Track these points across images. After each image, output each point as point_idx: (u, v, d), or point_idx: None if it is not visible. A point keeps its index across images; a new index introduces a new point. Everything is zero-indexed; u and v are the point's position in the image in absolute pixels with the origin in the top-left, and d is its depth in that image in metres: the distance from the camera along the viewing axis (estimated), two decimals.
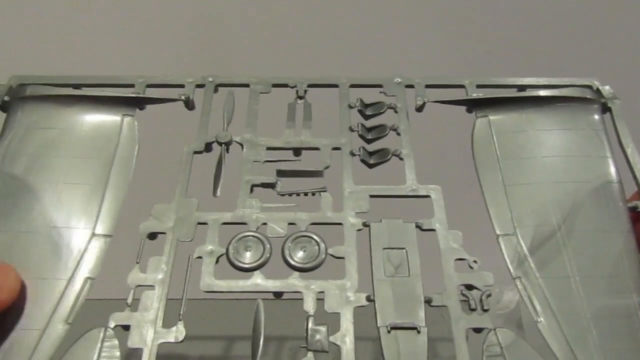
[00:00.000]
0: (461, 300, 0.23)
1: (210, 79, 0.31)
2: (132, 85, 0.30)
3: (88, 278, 0.23)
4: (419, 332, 0.22)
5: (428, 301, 0.23)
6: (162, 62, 0.51)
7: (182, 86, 0.30)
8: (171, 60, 0.51)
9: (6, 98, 0.29)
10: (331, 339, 0.22)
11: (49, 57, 0.50)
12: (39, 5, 0.51)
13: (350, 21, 0.53)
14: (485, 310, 0.23)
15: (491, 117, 0.29)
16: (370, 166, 0.28)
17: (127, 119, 0.29)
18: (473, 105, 0.29)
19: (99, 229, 0.25)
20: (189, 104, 0.30)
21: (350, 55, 0.51)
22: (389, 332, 0.22)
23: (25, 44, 0.52)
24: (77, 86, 0.30)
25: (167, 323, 0.22)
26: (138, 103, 0.29)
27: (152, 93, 0.30)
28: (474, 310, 0.23)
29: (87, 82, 0.30)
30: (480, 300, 0.23)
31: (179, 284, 0.24)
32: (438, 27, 0.51)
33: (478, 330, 0.22)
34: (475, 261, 0.24)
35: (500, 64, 0.49)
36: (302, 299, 0.23)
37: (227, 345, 0.43)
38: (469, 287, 0.23)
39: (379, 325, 0.22)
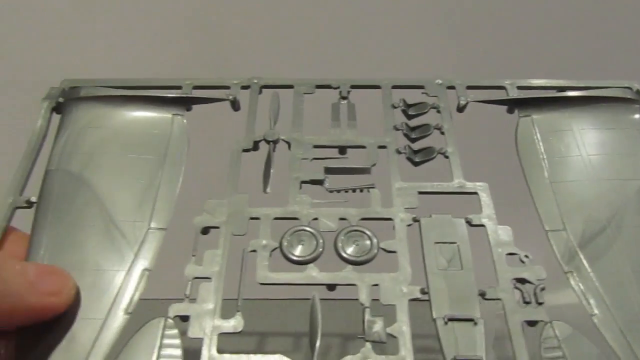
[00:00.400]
0: None
1: (255, 81, 0.31)
2: (179, 87, 0.31)
3: (145, 269, 0.24)
4: (475, 323, 0.22)
5: (482, 294, 0.23)
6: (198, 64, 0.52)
7: (227, 87, 0.31)
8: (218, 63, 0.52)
9: (60, 99, 0.30)
10: (388, 330, 0.22)
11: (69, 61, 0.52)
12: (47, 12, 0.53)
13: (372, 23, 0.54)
14: (540, 303, 0.23)
15: (534, 117, 0.29)
16: (416, 164, 0.29)
17: (177, 118, 0.29)
18: (515, 104, 0.30)
19: (154, 223, 0.25)
20: (235, 105, 0.31)
21: (390, 56, 0.51)
22: (445, 323, 0.22)
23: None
24: (125, 89, 0.31)
25: (224, 315, 0.23)
26: (187, 103, 0.30)
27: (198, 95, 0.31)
28: (528, 303, 0.23)
29: (135, 84, 0.31)
30: (535, 293, 0.23)
31: (230, 279, 0.24)
32: (471, 30, 0.52)
33: (533, 323, 0.22)
34: (526, 256, 0.24)
35: (535, 68, 0.50)
36: (337, 299, 0.24)
37: (261, 341, 0.44)
38: (521, 281, 0.24)
39: (434, 317, 0.22)
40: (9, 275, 0.21)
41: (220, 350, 0.22)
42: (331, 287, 0.24)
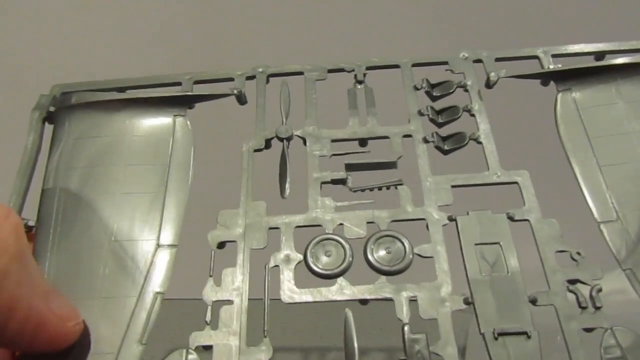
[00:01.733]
0: None
1: (261, 70, 0.29)
2: (178, 84, 0.28)
3: (158, 293, 0.22)
4: (529, 336, 0.20)
5: (532, 301, 0.21)
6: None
7: (231, 79, 0.28)
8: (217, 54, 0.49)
9: (51, 108, 0.27)
10: (432, 349, 0.20)
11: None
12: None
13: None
14: (598, 308, 0.20)
15: (575, 90, 0.26)
16: (446, 152, 0.26)
17: (179, 120, 0.27)
18: (552, 77, 0.27)
19: (164, 239, 0.23)
20: (241, 98, 0.28)
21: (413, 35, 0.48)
22: (495, 338, 0.20)
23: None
24: (121, 89, 0.28)
25: (250, 337, 0.21)
26: (189, 101, 0.27)
27: (199, 90, 0.28)
28: (584, 308, 0.20)
29: (132, 84, 0.28)
30: (591, 296, 0.21)
31: (254, 293, 0.22)
32: None
33: (590, 330, 0.20)
34: (578, 252, 0.22)
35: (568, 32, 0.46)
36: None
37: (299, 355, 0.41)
38: (573, 282, 0.21)
39: (482, 331, 0.20)
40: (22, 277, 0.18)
41: None
42: (364, 301, 0.22)
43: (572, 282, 0.21)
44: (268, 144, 0.26)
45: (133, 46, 0.49)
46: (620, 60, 0.26)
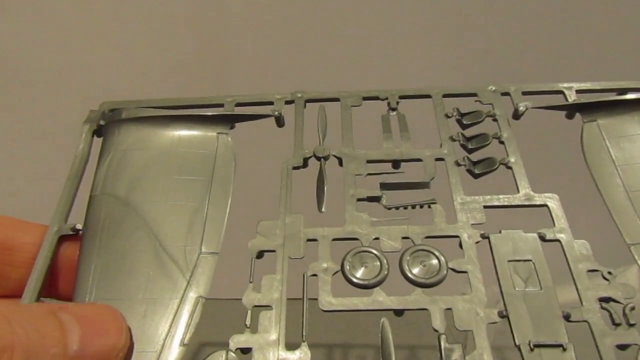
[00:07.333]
0: None
1: (299, 95, 0.30)
2: (221, 105, 0.30)
3: (200, 297, 0.23)
4: (564, 349, 0.20)
5: (566, 317, 0.21)
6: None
7: (271, 103, 0.30)
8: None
9: (101, 122, 0.29)
10: (467, 358, 0.20)
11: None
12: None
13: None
14: (632, 325, 0.21)
15: (600, 122, 0.27)
16: (476, 176, 0.27)
17: (222, 137, 0.28)
18: (578, 109, 0.28)
19: (206, 247, 0.24)
20: (280, 121, 0.30)
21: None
22: (531, 350, 0.20)
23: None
24: (166, 109, 0.30)
25: (288, 345, 0.21)
26: (231, 120, 0.29)
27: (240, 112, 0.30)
28: (618, 325, 0.21)
29: (177, 104, 0.30)
30: (624, 314, 0.21)
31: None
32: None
33: (624, 347, 0.21)
34: (610, 272, 0.22)
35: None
36: None
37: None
38: (606, 300, 0.22)
39: (518, 343, 0.20)
40: None
41: None
42: (399, 312, 0.22)
43: (605, 300, 0.22)
44: (305, 162, 0.28)
45: (174, 69, 0.52)
46: None
